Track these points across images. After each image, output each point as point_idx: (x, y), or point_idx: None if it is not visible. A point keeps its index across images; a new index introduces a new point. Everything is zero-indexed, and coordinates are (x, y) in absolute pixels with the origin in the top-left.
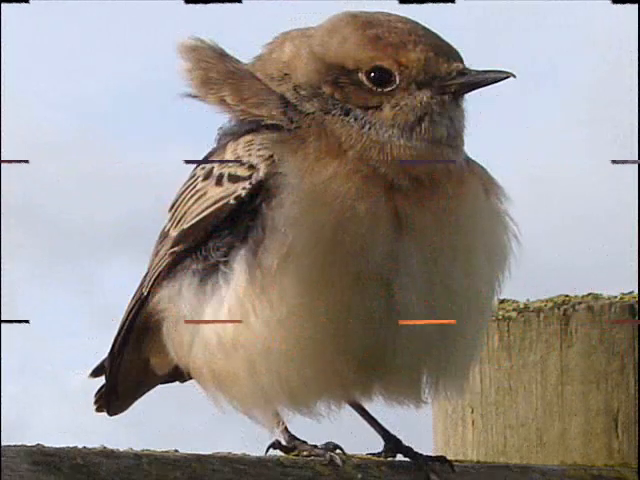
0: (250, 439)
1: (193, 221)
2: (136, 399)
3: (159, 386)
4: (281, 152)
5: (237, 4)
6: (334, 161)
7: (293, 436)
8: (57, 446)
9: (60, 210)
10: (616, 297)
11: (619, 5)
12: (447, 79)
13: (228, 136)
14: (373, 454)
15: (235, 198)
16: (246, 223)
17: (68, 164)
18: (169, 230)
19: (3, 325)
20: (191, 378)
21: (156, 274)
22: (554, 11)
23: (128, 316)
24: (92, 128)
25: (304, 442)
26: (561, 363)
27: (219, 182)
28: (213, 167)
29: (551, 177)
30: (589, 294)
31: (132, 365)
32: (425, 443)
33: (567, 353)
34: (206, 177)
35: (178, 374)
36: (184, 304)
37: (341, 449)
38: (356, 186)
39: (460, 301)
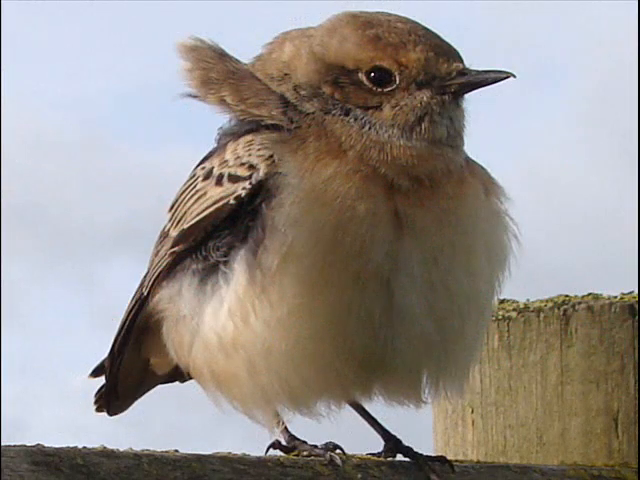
0: (250, 439)
1: (193, 221)
2: (136, 399)
3: (159, 386)
4: (281, 152)
5: (237, 4)
6: (334, 161)
7: (293, 436)
8: (57, 446)
9: (60, 210)
10: (616, 297)
11: (619, 6)
12: (447, 79)
13: (228, 136)
14: (373, 454)
15: (235, 198)
16: (246, 223)
17: (68, 164)
18: (169, 230)
19: (3, 325)
20: (191, 378)
21: (156, 274)
22: (554, 12)
23: (128, 316)
24: (92, 128)
25: (304, 442)
26: (561, 363)
27: (219, 182)
28: (213, 167)
29: (551, 177)
30: (589, 294)
31: (132, 365)
32: (425, 443)
33: (567, 353)
34: (206, 177)
35: (178, 374)
36: (184, 304)
37: (341, 449)
38: (356, 186)
39: (460, 301)
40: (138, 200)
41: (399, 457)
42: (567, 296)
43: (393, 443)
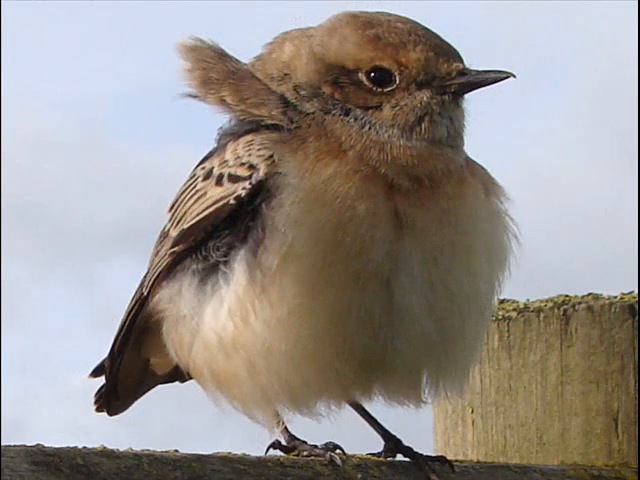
0: (250, 439)
1: (193, 221)
2: (136, 399)
3: (159, 386)
4: (281, 152)
5: (237, 4)
6: (334, 161)
7: (293, 436)
8: (57, 446)
9: (60, 210)
10: (616, 297)
11: (619, 6)
12: (447, 79)
13: (228, 136)
14: (373, 454)
15: (235, 198)
16: (246, 223)
17: (68, 164)
18: (169, 230)
19: (3, 325)
20: (191, 378)
21: (156, 274)
22: (554, 12)
23: (128, 316)
24: (92, 128)
25: (304, 442)
26: (561, 363)
27: (219, 182)
28: (213, 167)
29: (551, 177)
30: (589, 294)
31: (132, 365)
32: (425, 443)
33: (567, 353)
34: (206, 177)
35: (178, 374)
36: (184, 304)
37: (341, 449)
38: (356, 186)
39: (460, 301)
40: (138, 200)
41: (399, 457)
42: (567, 296)
43: (393, 443)
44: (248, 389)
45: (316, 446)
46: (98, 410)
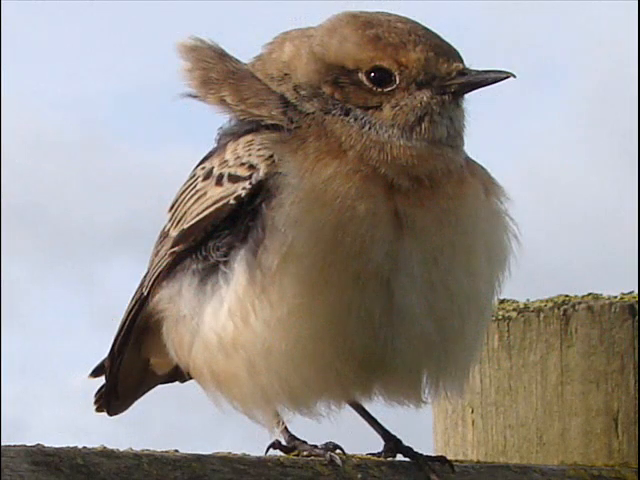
0: (250, 439)
1: (193, 221)
2: (136, 399)
3: (159, 386)
4: (281, 152)
5: (237, 4)
6: (334, 161)
7: (293, 436)
8: (57, 446)
9: (60, 210)
10: (616, 297)
11: (619, 6)
12: (447, 79)
13: (228, 136)
14: (373, 454)
15: (235, 198)
16: (246, 223)
17: (68, 164)
18: (169, 230)
19: (3, 325)
20: (191, 378)
21: (156, 274)
22: (554, 12)
23: (128, 316)
24: (92, 128)
25: (304, 442)
26: (561, 363)
27: (219, 182)
28: (213, 167)
29: (551, 177)
30: (589, 294)
31: (132, 365)
32: (425, 443)
33: (567, 353)
34: (206, 177)
35: (178, 374)
36: (184, 304)
37: (341, 449)
38: (356, 186)
39: (460, 301)
40: (138, 200)
41: (399, 457)
42: (567, 296)
43: (393, 443)
44: (248, 389)
45: (316, 446)
46: (98, 410)
